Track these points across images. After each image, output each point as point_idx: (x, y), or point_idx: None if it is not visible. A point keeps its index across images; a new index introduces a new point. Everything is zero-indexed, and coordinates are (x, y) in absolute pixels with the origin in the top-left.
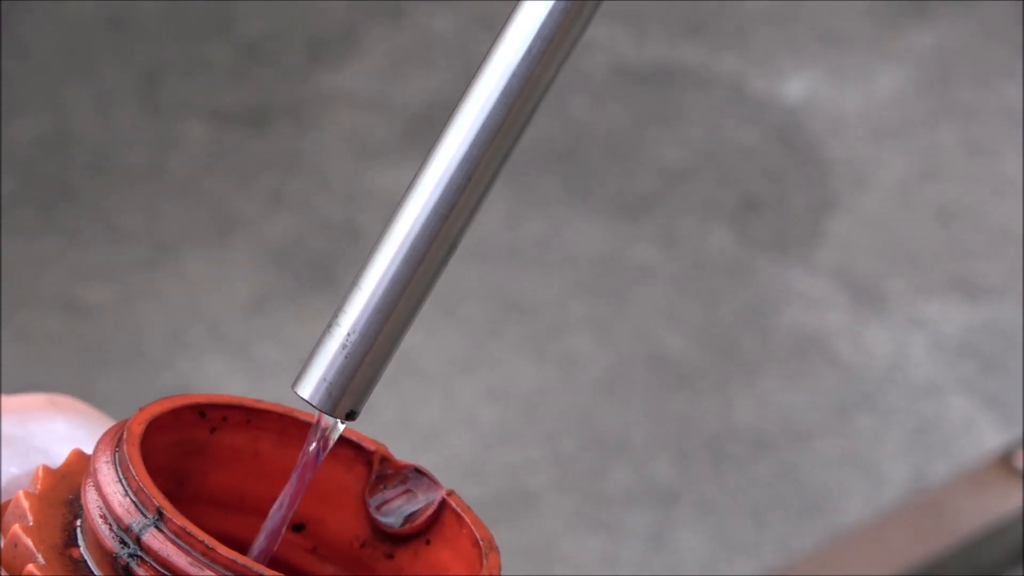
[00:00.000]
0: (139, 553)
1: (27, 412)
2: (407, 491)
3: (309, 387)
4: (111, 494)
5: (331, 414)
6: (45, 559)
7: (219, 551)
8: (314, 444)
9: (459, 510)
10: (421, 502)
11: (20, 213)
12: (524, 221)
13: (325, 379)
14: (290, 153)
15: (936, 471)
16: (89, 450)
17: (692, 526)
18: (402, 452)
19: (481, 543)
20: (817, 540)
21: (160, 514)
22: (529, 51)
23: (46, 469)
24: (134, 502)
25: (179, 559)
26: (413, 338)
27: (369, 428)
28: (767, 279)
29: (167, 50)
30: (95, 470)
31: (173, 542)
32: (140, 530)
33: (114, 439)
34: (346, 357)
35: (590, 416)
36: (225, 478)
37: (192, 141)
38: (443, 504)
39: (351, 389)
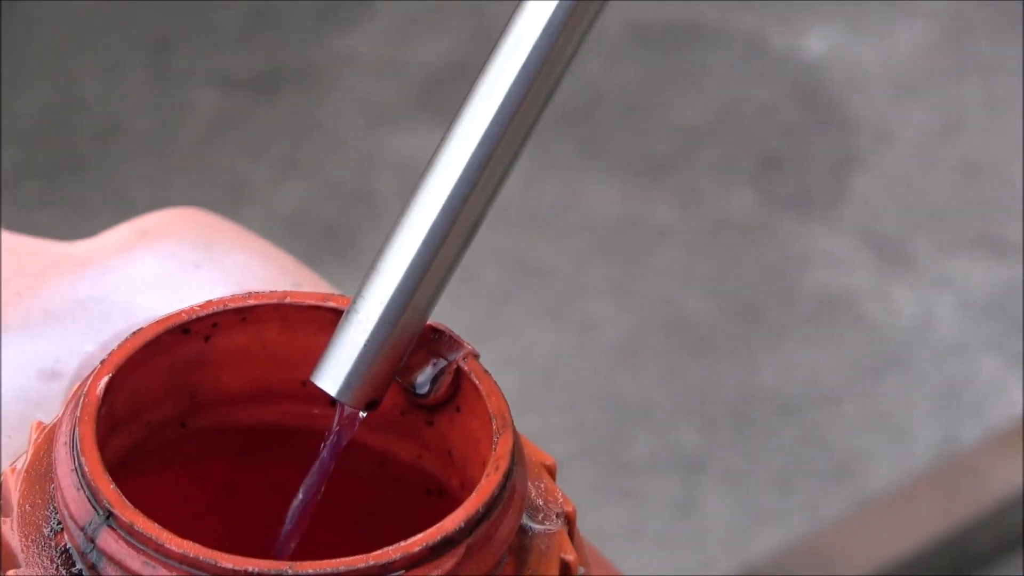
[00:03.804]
0: (97, 555)
1: (106, 260)
2: (432, 353)
3: (328, 377)
4: (67, 486)
5: (352, 405)
6: (26, 560)
7: (170, 546)
8: (335, 435)
9: (475, 379)
10: (443, 363)
11: (26, 185)
12: (540, 185)
13: (344, 369)
14: (301, 119)
15: (967, 433)
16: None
17: (718, 494)
18: None
19: (494, 420)
20: (845, 506)
21: (109, 513)
22: (550, 23)
23: (39, 427)
24: (88, 497)
25: (133, 561)
26: None
27: None
28: (790, 239)
29: (174, 16)
30: (54, 453)
31: (126, 542)
32: (94, 531)
33: (77, 403)
34: (365, 346)
35: (611, 383)
36: (239, 376)
37: (201, 108)
38: (460, 372)
39: (371, 378)
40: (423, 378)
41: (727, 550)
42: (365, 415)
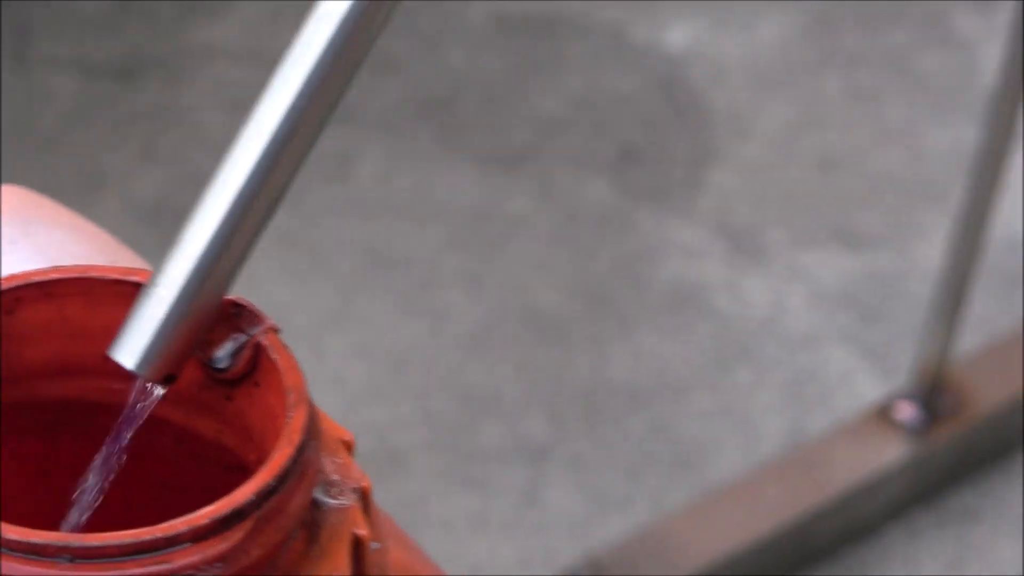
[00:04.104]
0: None
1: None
2: (232, 328)
3: (125, 351)
4: None
5: (149, 378)
6: None
7: None
8: (131, 409)
9: (274, 354)
10: (243, 338)
11: None
12: (396, 174)
13: (142, 343)
14: (163, 107)
15: (814, 424)
16: None
17: (564, 483)
18: None
19: (289, 395)
20: (691, 495)
21: None
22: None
23: None
24: None
25: None
26: (280, 293)
27: None
28: (645, 230)
29: (36, 3)
30: None
31: None
32: None
33: None
34: (163, 320)
35: (461, 372)
36: (43, 350)
37: (61, 96)
38: (259, 347)
39: (168, 352)
40: (222, 353)
41: (572, 538)
42: (163, 390)
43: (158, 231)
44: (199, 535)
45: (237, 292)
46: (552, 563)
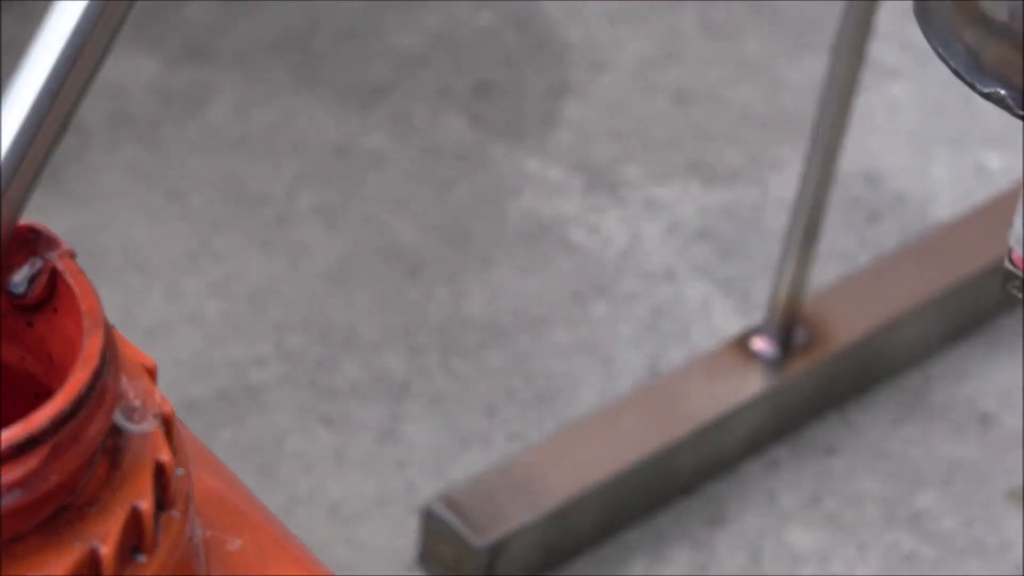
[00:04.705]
0: None
1: None
2: (29, 253)
3: None
4: None
5: None
6: None
7: None
8: None
9: (70, 279)
10: (40, 263)
11: None
12: (252, 110)
13: None
14: (11, 42)
15: (671, 358)
16: None
17: (422, 418)
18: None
19: (85, 319)
20: (550, 430)
21: None
22: None
23: None
24: None
25: None
26: (136, 232)
27: None
28: (501, 166)
29: None
30: None
31: None
32: None
33: None
34: None
35: (319, 309)
36: None
37: None
38: (56, 272)
39: None
40: (19, 278)
41: (430, 474)
42: None
43: None
44: None
45: (92, 232)
46: (411, 499)
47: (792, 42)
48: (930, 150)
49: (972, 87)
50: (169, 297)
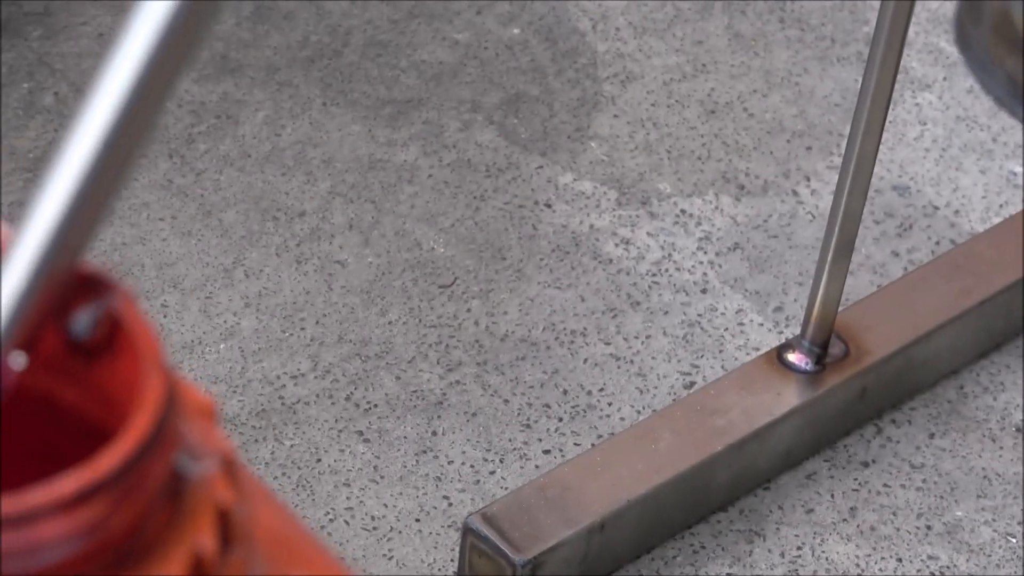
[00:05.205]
0: None
1: None
2: (88, 296)
3: None
4: None
5: (2, 349)
6: None
7: None
8: None
9: (130, 322)
10: (100, 307)
11: None
12: (283, 125)
13: None
14: (42, 59)
15: (706, 372)
16: None
17: (458, 433)
18: None
19: (145, 363)
20: (585, 444)
21: None
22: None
23: None
24: None
25: None
26: (170, 248)
27: None
28: (532, 180)
29: None
30: None
31: None
32: None
33: None
34: (17, 289)
35: (354, 324)
36: None
37: None
38: (115, 316)
39: (23, 322)
40: (79, 321)
41: (467, 489)
42: (23, 361)
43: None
44: (61, 506)
45: (127, 249)
46: (449, 514)
47: (820, 53)
48: (960, 160)
49: (1013, 114)
50: (204, 313)
